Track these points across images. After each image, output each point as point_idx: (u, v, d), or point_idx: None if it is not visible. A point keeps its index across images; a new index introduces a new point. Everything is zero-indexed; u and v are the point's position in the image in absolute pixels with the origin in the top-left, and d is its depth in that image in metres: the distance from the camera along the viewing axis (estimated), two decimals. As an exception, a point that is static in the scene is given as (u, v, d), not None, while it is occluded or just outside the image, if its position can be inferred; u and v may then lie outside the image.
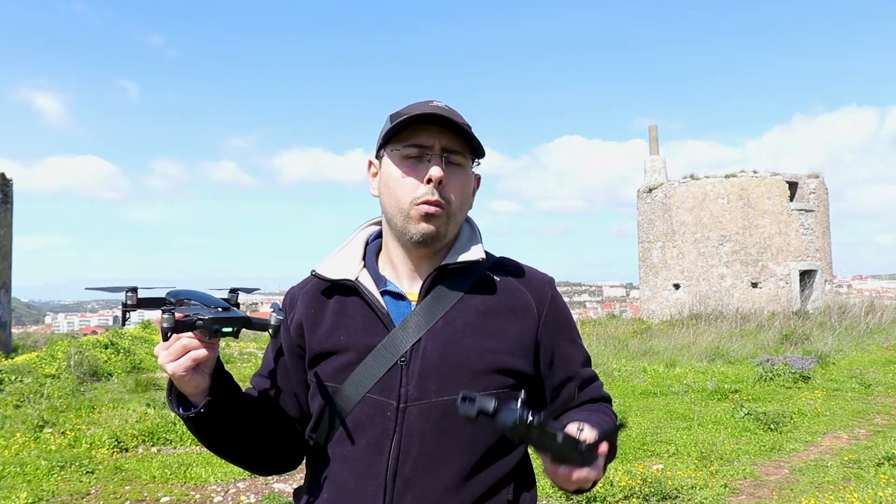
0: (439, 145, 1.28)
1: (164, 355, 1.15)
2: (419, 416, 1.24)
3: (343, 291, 1.36)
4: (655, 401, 8.83)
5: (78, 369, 10.33)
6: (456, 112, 1.32)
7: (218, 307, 1.15)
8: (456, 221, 1.33)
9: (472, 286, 1.34)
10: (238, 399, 1.28)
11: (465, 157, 1.32)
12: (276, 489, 5.42)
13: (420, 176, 1.28)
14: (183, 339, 1.14)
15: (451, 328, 1.29)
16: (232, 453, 1.33)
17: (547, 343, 1.36)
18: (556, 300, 1.41)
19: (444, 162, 1.28)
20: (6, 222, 14.72)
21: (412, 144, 1.28)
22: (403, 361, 1.27)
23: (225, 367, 1.28)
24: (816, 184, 22.19)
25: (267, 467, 1.40)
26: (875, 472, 5.47)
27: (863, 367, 11.26)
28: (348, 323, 1.33)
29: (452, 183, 1.29)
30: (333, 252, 1.42)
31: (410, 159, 1.29)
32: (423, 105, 1.30)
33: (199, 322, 1.12)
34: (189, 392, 1.21)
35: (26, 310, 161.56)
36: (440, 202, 1.27)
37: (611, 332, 17.29)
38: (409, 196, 1.28)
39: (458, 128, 1.26)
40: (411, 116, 1.25)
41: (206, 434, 1.27)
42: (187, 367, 1.15)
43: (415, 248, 1.33)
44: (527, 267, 1.44)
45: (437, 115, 1.25)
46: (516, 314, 1.34)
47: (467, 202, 1.36)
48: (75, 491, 5.24)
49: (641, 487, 4.97)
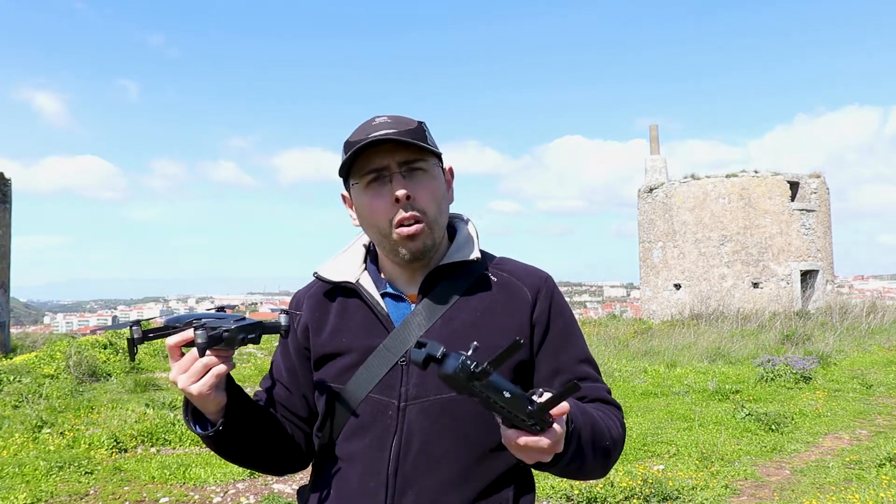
0: (394, 162, 1.28)
1: (185, 378, 1.16)
2: (419, 415, 1.27)
3: (345, 294, 1.39)
4: (656, 401, 8.81)
5: (77, 369, 10.31)
6: (402, 120, 1.31)
7: (234, 319, 1.17)
8: (440, 225, 1.34)
9: (470, 286, 1.36)
10: (252, 409, 1.30)
11: (426, 161, 1.31)
12: (276, 489, 5.40)
13: (387, 198, 1.28)
14: (202, 358, 1.15)
15: (449, 327, 1.31)
16: (249, 460, 1.35)
17: (539, 328, 1.36)
18: (551, 292, 1.40)
19: (407, 173, 1.28)
20: (5, 222, 14.70)
21: (369, 171, 1.29)
22: (403, 361, 1.29)
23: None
24: (818, 183, 22.16)
25: (281, 468, 1.43)
26: (877, 472, 5.45)
27: (864, 367, 11.23)
28: (350, 325, 1.36)
29: (422, 192, 1.29)
30: (336, 255, 1.46)
31: (373, 184, 1.30)
32: (366, 127, 1.30)
33: (226, 334, 1.14)
34: (211, 410, 1.22)
35: (25, 310, 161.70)
36: (416, 216, 1.28)
37: (611, 333, 17.28)
38: (384, 220, 1.29)
39: (405, 141, 1.26)
40: (356, 149, 1.26)
41: (225, 447, 1.29)
42: (212, 385, 1.16)
43: (409, 263, 1.35)
44: (524, 265, 1.45)
45: (380, 140, 1.25)
46: (513, 308, 1.35)
47: (444, 202, 1.36)
48: (74, 491, 5.22)
49: (642, 488, 4.95)
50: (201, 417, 1.25)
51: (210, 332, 1.13)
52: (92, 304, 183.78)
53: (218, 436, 1.23)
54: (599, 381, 1.39)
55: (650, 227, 23.19)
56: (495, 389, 0.97)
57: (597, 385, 1.37)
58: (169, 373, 1.21)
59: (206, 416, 1.24)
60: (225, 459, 1.35)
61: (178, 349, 1.17)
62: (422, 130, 1.31)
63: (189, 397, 1.19)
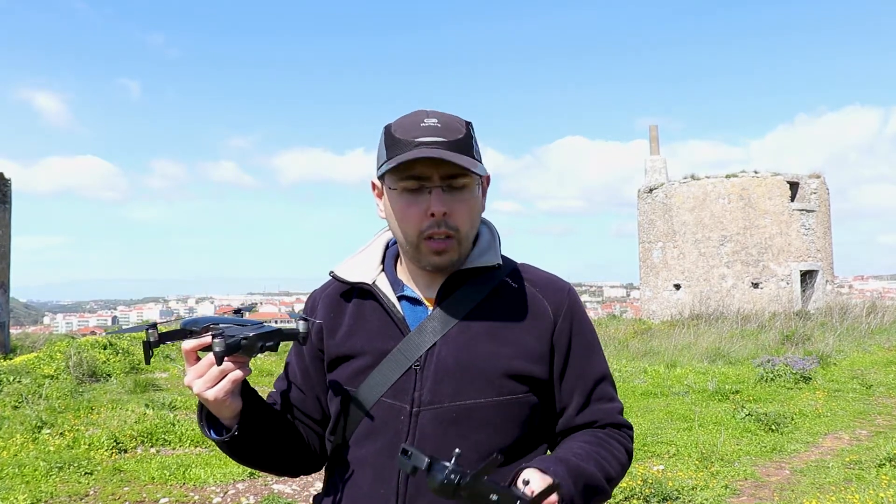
0: (437, 175, 1.22)
1: (200, 383, 1.15)
2: (432, 421, 1.25)
3: (361, 295, 1.36)
4: (656, 401, 8.81)
5: (76, 370, 10.30)
6: (451, 125, 1.24)
7: (252, 325, 1.15)
8: (469, 240, 1.30)
9: (489, 293, 1.32)
10: (266, 413, 1.29)
11: (468, 176, 1.25)
12: (276, 490, 5.40)
13: (422, 208, 1.23)
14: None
15: (466, 334, 1.29)
16: (263, 463, 1.34)
17: (561, 350, 1.33)
18: (575, 308, 1.37)
19: (447, 189, 1.23)
20: (4, 222, 14.70)
21: (410, 177, 1.23)
22: (418, 366, 1.27)
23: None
24: (817, 184, 22.16)
25: (295, 470, 1.41)
26: (877, 472, 5.45)
27: (864, 367, 11.23)
28: (365, 327, 1.33)
29: (459, 210, 1.25)
30: (353, 254, 1.42)
31: (410, 192, 1.24)
32: (414, 127, 1.23)
33: (244, 342, 1.12)
34: (226, 416, 1.21)
35: (25, 310, 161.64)
36: (448, 233, 1.24)
37: (611, 333, 17.28)
38: (414, 229, 1.25)
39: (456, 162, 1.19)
40: (404, 162, 1.19)
41: (240, 452, 1.28)
42: (228, 391, 1.15)
43: (431, 272, 1.32)
44: (545, 273, 1.41)
45: (430, 158, 1.18)
46: (532, 321, 1.32)
47: (477, 219, 1.32)
48: (74, 492, 5.22)
49: (642, 488, 4.95)
50: (215, 422, 1.24)
51: (228, 339, 1.11)
52: (92, 305, 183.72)
53: (233, 441, 1.22)
54: (615, 399, 1.39)
55: (650, 228, 23.19)
56: (481, 496, 1.02)
57: (611, 407, 1.37)
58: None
59: (221, 421, 1.23)
60: (238, 463, 1.33)
61: (194, 353, 1.16)
62: (469, 139, 1.25)
63: (204, 402, 1.18)
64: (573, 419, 1.34)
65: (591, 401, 1.35)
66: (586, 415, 1.34)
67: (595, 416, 1.34)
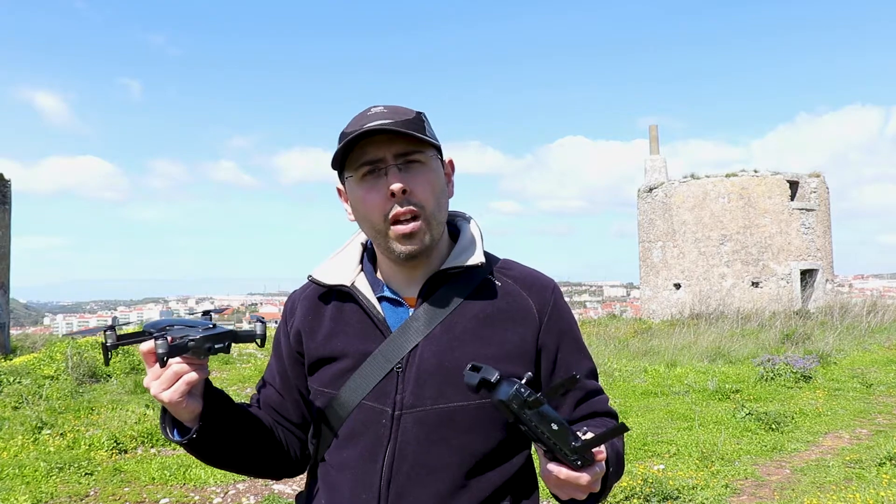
0: (390, 154, 1.22)
1: (157, 385, 1.13)
2: (414, 425, 1.23)
3: (340, 297, 1.34)
4: (656, 401, 8.81)
5: (76, 370, 10.30)
6: (399, 109, 1.24)
7: (204, 326, 1.14)
8: (438, 221, 1.28)
9: (472, 291, 1.30)
10: (233, 414, 1.26)
11: (424, 152, 1.24)
12: (276, 490, 5.40)
13: (382, 191, 1.22)
14: (173, 365, 1.12)
15: (449, 335, 1.27)
16: (234, 466, 1.32)
17: (549, 350, 1.33)
18: (559, 305, 1.36)
19: (403, 165, 1.22)
20: (4, 223, 14.69)
21: (364, 163, 1.23)
22: (399, 368, 1.25)
23: (214, 383, 1.27)
24: (817, 183, 22.17)
25: (271, 473, 1.39)
26: (877, 471, 5.45)
27: (864, 366, 11.23)
28: (345, 329, 1.31)
29: (419, 185, 1.23)
30: (330, 256, 1.40)
31: (368, 177, 1.24)
32: (362, 117, 1.23)
33: (191, 343, 1.10)
34: (185, 418, 1.19)
35: (25, 311, 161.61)
36: (413, 211, 1.22)
37: (611, 332, 17.27)
38: (379, 215, 1.23)
39: (402, 132, 1.20)
40: (349, 139, 1.20)
41: (205, 454, 1.26)
42: (183, 393, 1.13)
43: (406, 262, 1.29)
44: (529, 270, 1.40)
45: (375, 130, 1.19)
46: (516, 320, 1.30)
47: (443, 196, 1.29)
48: (74, 493, 5.22)
49: (642, 488, 4.95)
50: (181, 424, 1.23)
51: (174, 341, 1.10)
52: (92, 305, 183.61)
53: (192, 443, 1.20)
54: (603, 391, 1.40)
55: (650, 227, 23.19)
56: (545, 420, 0.99)
57: (604, 398, 1.38)
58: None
59: (184, 423, 1.21)
60: (206, 464, 1.32)
61: (152, 355, 1.13)
62: (420, 121, 1.24)
63: (162, 404, 1.17)
64: (570, 415, 1.34)
65: (587, 396, 1.36)
66: (583, 409, 1.35)
67: (593, 409, 1.35)
